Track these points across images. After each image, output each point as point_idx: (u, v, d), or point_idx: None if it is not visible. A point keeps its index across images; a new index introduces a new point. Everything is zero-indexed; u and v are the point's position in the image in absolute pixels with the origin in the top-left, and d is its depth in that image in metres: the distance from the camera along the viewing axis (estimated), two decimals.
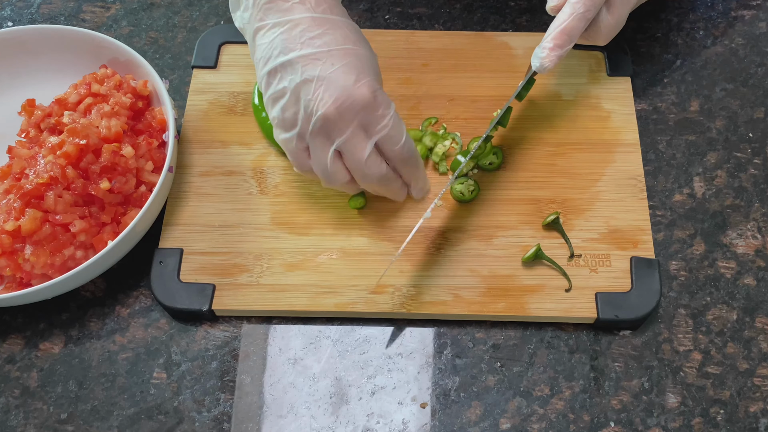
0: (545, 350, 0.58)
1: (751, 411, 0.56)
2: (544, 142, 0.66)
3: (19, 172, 0.58)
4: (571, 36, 0.58)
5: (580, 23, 0.58)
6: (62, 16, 0.76)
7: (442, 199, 0.64)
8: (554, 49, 0.58)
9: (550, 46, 0.58)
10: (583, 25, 0.59)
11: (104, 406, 0.56)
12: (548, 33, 0.59)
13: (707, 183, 0.65)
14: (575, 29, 0.58)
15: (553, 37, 0.58)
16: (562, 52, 0.59)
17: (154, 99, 0.65)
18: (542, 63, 0.59)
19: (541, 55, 0.59)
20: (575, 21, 0.58)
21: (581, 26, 0.58)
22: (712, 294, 0.60)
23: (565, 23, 0.58)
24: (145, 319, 0.60)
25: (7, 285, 0.57)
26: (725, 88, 0.70)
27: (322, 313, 0.59)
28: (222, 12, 0.76)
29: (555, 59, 0.59)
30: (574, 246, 0.61)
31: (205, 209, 0.63)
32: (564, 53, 0.59)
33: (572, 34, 0.58)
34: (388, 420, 0.56)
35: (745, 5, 0.75)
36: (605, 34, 0.61)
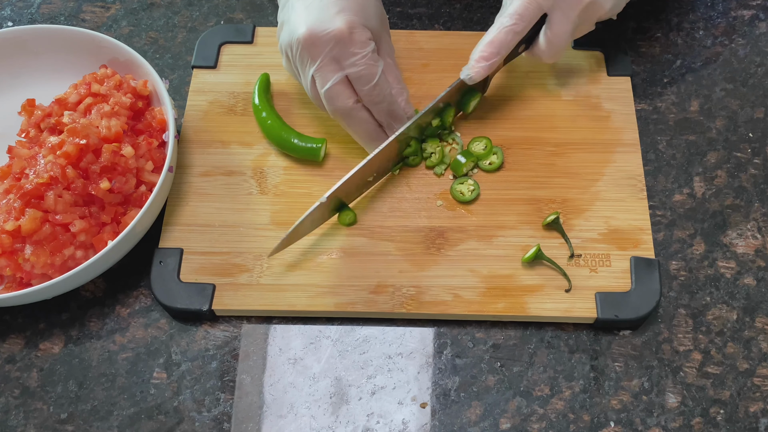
0: (545, 350, 0.58)
1: (751, 411, 0.56)
2: (544, 142, 0.66)
3: (19, 172, 0.58)
4: (497, 48, 0.60)
5: (507, 36, 0.60)
6: (62, 16, 0.76)
7: (442, 199, 0.64)
8: (479, 61, 0.60)
9: (476, 58, 0.60)
10: (511, 39, 0.60)
11: (104, 406, 0.56)
12: (478, 45, 0.61)
13: (707, 183, 0.65)
14: (503, 42, 0.60)
15: (480, 49, 0.60)
16: (489, 64, 0.60)
17: (154, 99, 0.65)
18: (468, 73, 0.61)
19: (469, 65, 0.61)
20: (502, 34, 0.60)
21: (508, 39, 0.60)
22: (712, 294, 0.60)
23: (492, 36, 0.60)
24: (145, 319, 0.60)
25: (7, 285, 0.57)
26: (725, 88, 0.70)
27: (322, 313, 0.59)
28: (222, 12, 0.76)
29: (480, 70, 0.60)
30: (574, 246, 0.61)
31: (205, 209, 0.63)
32: (492, 65, 0.60)
33: (499, 46, 0.60)
34: (388, 420, 0.56)
35: (745, 5, 0.75)
36: (547, 52, 0.62)
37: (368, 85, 0.58)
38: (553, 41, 0.61)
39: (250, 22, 0.75)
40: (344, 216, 0.62)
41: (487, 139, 0.65)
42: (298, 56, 0.58)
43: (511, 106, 0.68)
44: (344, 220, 0.62)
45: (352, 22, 0.57)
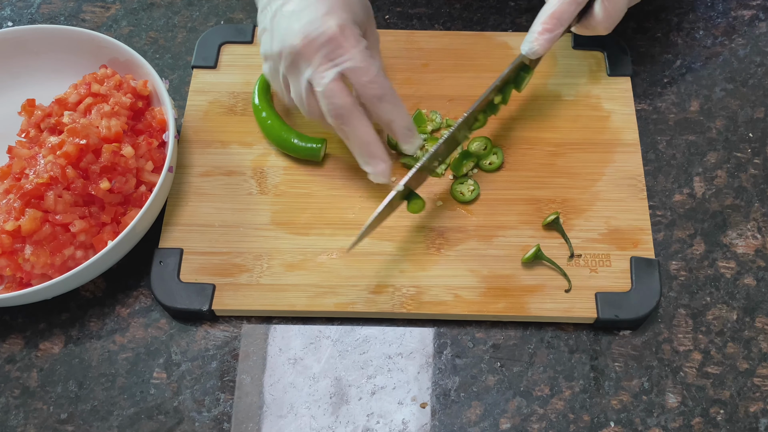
0: (545, 350, 0.58)
1: (751, 411, 0.56)
2: (544, 142, 0.66)
3: (19, 172, 0.58)
4: (560, 20, 0.58)
5: (570, 7, 0.58)
6: (62, 16, 0.76)
7: (442, 199, 0.64)
8: (543, 33, 0.59)
9: (539, 30, 0.59)
10: (574, 9, 0.58)
11: (104, 406, 0.56)
12: (538, 17, 0.59)
13: (707, 183, 0.65)
14: (565, 13, 0.58)
15: (543, 21, 0.59)
16: (552, 36, 0.59)
17: (154, 99, 0.65)
18: (531, 47, 0.59)
19: (530, 38, 0.59)
20: (565, 5, 0.58)
21: (571, 10, 0.58)
22: (712, 294, 0.60)
23: (555, 7, 0.58)
24: (145, 319, 0.60)
25: (7, 285, 0.57)
26: (725, 88, 0.70)
27: (322, 313, 0.59)
28: (222, 12, 0.76)
29: (545, 43, 0.59)
30: (574, 246, 0.61)
31: (205, 209, 0.63)
32: (554, 37, 0.59)
33: (562, 18, 0.58)
34: (388, 420, 0.56)
35: (745, 5, 0.75)
36: (603, 21, 0.60)
37: (366, 77, 0.57)
38: (610, 11, 0.59)
39: (250, 22, 0.75)
40: (414, 204, 0.60)
41: (487, 139, 0.65)
42: (291, 64, 0.57)
43: (511, 106, 0.68)
44: (414, 208, 0.60)
45: (343, 21, 0.56)
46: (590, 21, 0.61)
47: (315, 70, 0.56)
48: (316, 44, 0.56)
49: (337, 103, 0.57)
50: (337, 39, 0.56)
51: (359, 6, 0.59)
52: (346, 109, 0.57)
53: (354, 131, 0.58)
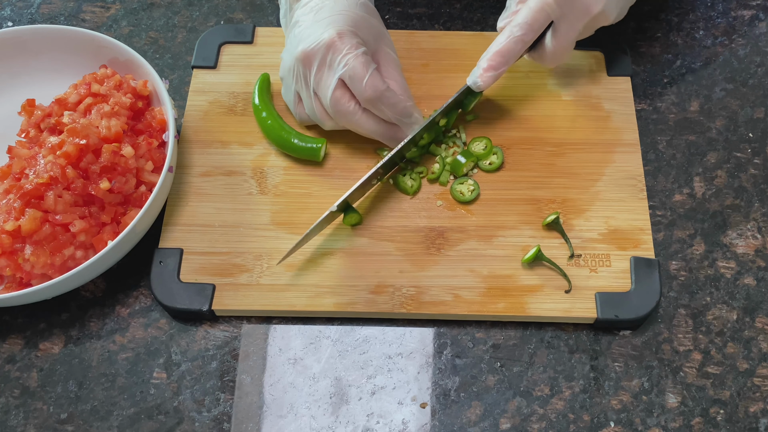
0: (545, 350, 0.58)
1: (751, 411, 0.56)
2: (544, 142, 0.66)
3: (19, 172, 0.58)
4: (506, 57, 0.61)
5: (516, 46, 0.60)
6: (62, 16, 0.76)
7: (442, 199, 0.64)
8: (488, 70, 0.61)
9: (484, 66, 0.61)
10: (520, 48, 0.61)
11: (104, 406, 0.56)
12: (485, 53, 0.62)
13: (707, 183, 0.65)
14: (511, 51, 0.61)
15: (488, 58, 0.61)
16: (497, 73, 0.61)
17: (154, 99, 0.65)
18: (475, 81, 0.62)
19: (476, 73, 0.62)
20: (511, 43, 0.60)
21: (518, 49, 0.61)
22: (712, 294, 0.60)
23: (501, 45, 0.61)
24: (145, 319, 0.60)
25: (7, 285, 0.57)
26: (725, 88, 0.70)
27: (322, 313, 0.59)
28: (222, 12, 0.76)
29: (488, 79, 0.62)
30: (574, 246, 0.61)
31: (205, 209, 0.63)
32: (499, 74, 0.61)
33: (508, 56, 0.61)
34: (388, 420, 0.56)
35: (745, 5, 0.75)
36: (550, 58, 0.63)
37: (360, 83, 0.59)
38: (558, 48, 0.62)
39: (250, 22, 0.75)
40: (349, 218, 0.62)
41: (487, 139, 0.65)
42: (300, 74, 0.61)
43: (511, 106, 0.68)
44: (349, 221, 0.62)
45: (341, 30, 0.59)
46: (540, 54, 0.63)
47: (316, 78, 0.60)
48: (317, 52, 0.59)
49: (341, 109, 0.60)
50: (334, 45, 0.59)
51: (366, 28, 0.61)
52: (350, 116, 0.60)
53: (363, 128, 0.62)
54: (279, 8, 0.66)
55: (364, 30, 0.61)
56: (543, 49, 0.62)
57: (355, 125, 0.62)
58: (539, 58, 0.64)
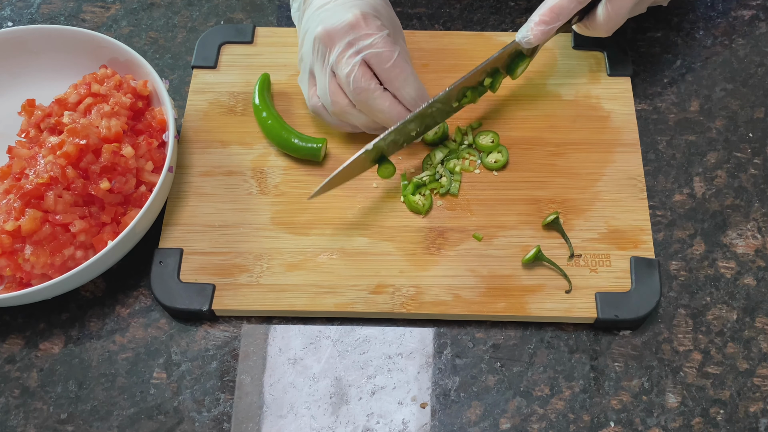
0: (545, 350, 0.58)
1: (751, 411, 0.56)
2: (544, 142, 0.66)
3: (19, 172, 0.58)
4: (559, 15, 0.59)
5: (571, 3, 0.59)
6: (62, 16, 0.76)
7: (442, 198, 0.64)
8: (539, 24, 0.60)
9: (536, 20, 0.60)
10: (574, 6, 0.59)
11: (104, 406, 0.56)
12: (538, 9, 0.60)
13: (707, 183, 0.65)
14: (565, 9, 0.59)
15: (541, 13, 0.60)
16: (548, 29, 0.60)
17: (154, 99, 0.65)
18: (525, 35, 0.61)
19: (526, 27, 0.60)
20: (566, 1, 0.59)
21: (571, 7, 0.59)
22: (712, 294, 0.60)
23: (555, 1, 0.59)
24: (145, 319, 0.60)
25: (7, 285, 0.57)
26: (725, 88, 0.70)
27: (322, 313, 0.59)
28: (222, 12, 0.76)
29: (539, 34, 0.60)
30: (574, 246, 0.61)
31: (205, 209, 0.63)
32: (550, 30, 0.60)
33: (561, 13, 0.59)
34: (388, 420, 0.56)
35: (745, 5, 0.75)
36: (604, 24, 0.61)
37: (388, 64, 0.58)
38: (612, 15, 0.60)
39: (250, 22, 0.75)
40: (384, 169, 0.61)
41: (494, 133, 0.65)
42: (319, 53, 0.60)
43: (511, 106, 0.68)
44: (383, 172, 0.62)
45: (365, 11, 0.59)
46: (592, 22, 0.62)
47: (338, 56, 0.59)
48: (339, 32, 0.58)
49: (362, 86, 0.59)
50: (358, 25, 0.58)
51: (387, 16, 0.61)
52: (371, 91, 0.59)
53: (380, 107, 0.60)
54: (279, 8, 0.66)
55: (384, 16, 0.61)
56: (595, 16, 0.61)
57: (372, 104, 0.60)
58: (591, 25, 0.62)
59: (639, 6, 0.62)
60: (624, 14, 0.61)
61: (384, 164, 0.61)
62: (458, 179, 0.64)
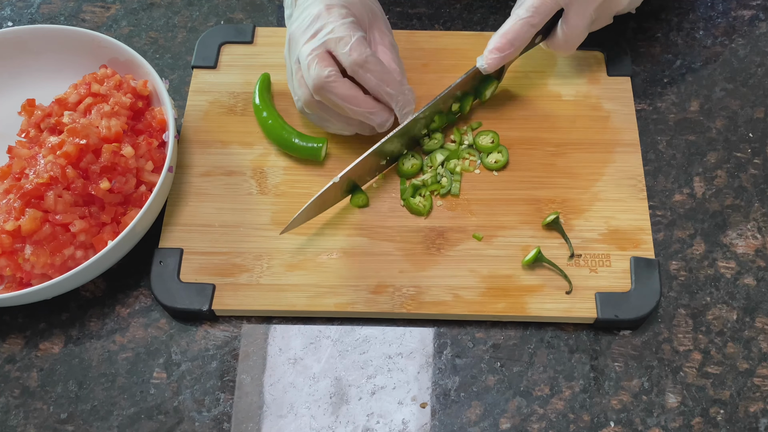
0: (545, 350, 0.58)
1: (751, 411, 0.56)
2: (544, 142, 0.66)
3: (19, 172, 0.58)
4: (511, 40, 0.61)
5: (522, 28, 0.60)
6: (62, 16, 0.76)
7: (442, 199, 0.64)
8: (492, 52, 0.61)
9: (490, 48, 0.61)
10: (526, 31, 0.60)
11: (104, 406, 0.56)
12: (493, 36, 0.62)
13: (707, 183, 0.65)
14: (516, 33, 0.60)
15: (495, 40, 0.61)
16: (503, 56, 0.61)
17: (154, 99, 0.65)
18: (481, 63, 0.62)
19: (483, 56, 0.62)
20: (517, 26, 0.60)
21: (523, 31, 0.60)
22: (712, 294, 0.60)
23: (506, 27, 0.61)
24: (145, 319, 0.60)
25: (7, 285, 0.57)
26: (725, 88, 0.70)
27: (322, 313, 0.59)
28: (222, 12, 0.76)
29: (493, 61, 0.61)
30: (574, 246, 0.61)
31: (205, 209, 0.63)
32: (506, 57, 0.61)
33: (513, 38, 0.61)
34: (388, 420, 0.56)
35: (745, 5, 0.75)
36: (563, 44, 0.63)
37: (345, 48, 0.57)
38: (569, 35, 0.62)
39: (250, 22, 0.75)
40: (356, 198, 0.62)
41: (494, 133, 0.65)
42: (290, 50, 0.61)
43: (511, 106, 0.68)
44: (356, 201, 0.62)
45: (329, 3, 0.59)
46: (553, 42, 0.64)
47: (302, 47, 0.59)
48: (305, 27, 0.59)
49: (316, 73, 0.57)
50: (321, 16, 0.58)
51: (359, 4, 0.60)
52: (325, 78, 0.57)
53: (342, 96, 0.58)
54: (279, 8, 0.66)
55: (356, 6, 0.60)
56: (555, 37, 0.63)
57: (330, 91, 0.58)
58: (552, 45, 0.64)
59: (600, 21, 0.63)
60: (581, 32, 0.62)
61: (356, 194, 0.62)
62: (458, 179, 0.64)
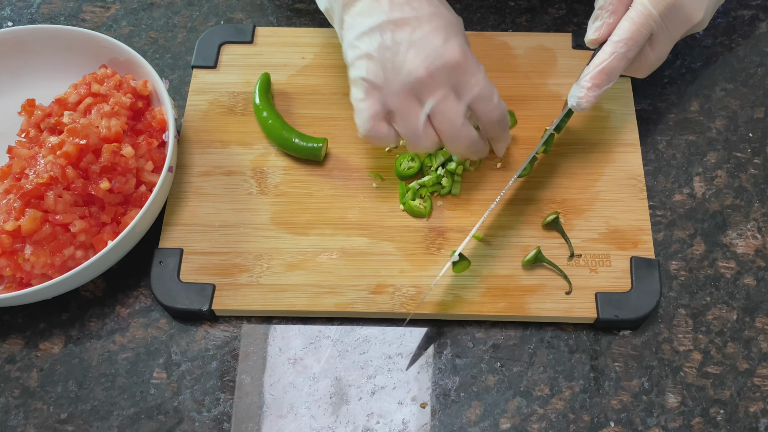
0: (545, 350, 0.58)
1: (751, 411, 0.56)
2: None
3: (19, 172, 0.58)
4: (610, 76, 0.57)
5: (620, 63, 0.57)
6: (62, 16, 0.76)
7: (442, 199, 0.64)
8: (592, 89, 0.57)
9: (588, 86, 0.57)
10: (624, 65, 0.57)
11: (104, 406, 0.56)
12: (587, 71, 0.57)
13: (707, 183, 0.65)
14: (615, 69, 0.57)
15: (592, 76, 0.57)
16: (601, 92, 0.57)
17: (154, 99, 0.65)
18: (579, 103, 0.58)
19: (579, 94, 0.58)
20: (616, 61, 0.56)
21: (621, 66, 0.57)
22: (712, 294, 0.60)
23: (605, 63, 0.57)
24: (145, 319, 0.60)
25: (7, 285, 0.57)
26: (725, 88, 0.70)
27: (322, 313, 0.59)
28: (222, 12, 0.76)
29: (593, 99, 0.57)
30: (574, 246, 0.61)
31: (205, 209, 0.63)
32: (602, 93, 0.58)
33: (612, 73, 0.57)
34: (388, 420, 0.56)
35: (745, 5, 0.75)
36: (647, 69, 0.60)
37: (492, 104, 0.56)
38: (655, 60, 0.59)
39: (250, 22, 0.75)
40: (460, 266, 0.58)
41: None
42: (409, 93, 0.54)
43: (511, 106, 0.68)
44: (459, 269, 0.58)
45: (462, 45, 0.55)
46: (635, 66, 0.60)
47: (440, 101, 0.54)
48: (442, 73, 0.54)
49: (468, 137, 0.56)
50: (461, 66, 0.54)
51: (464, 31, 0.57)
52: (475, 141, 0.57)
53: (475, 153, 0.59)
54: (279, 8, 0.65)
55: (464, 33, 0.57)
56: (639, 62, 0.59)
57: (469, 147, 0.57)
58: (632, 69, 0.60)
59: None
60: (665, 56, 0.60)
61: (462, 261, 0.58)
62: (459, 179, 0.64)
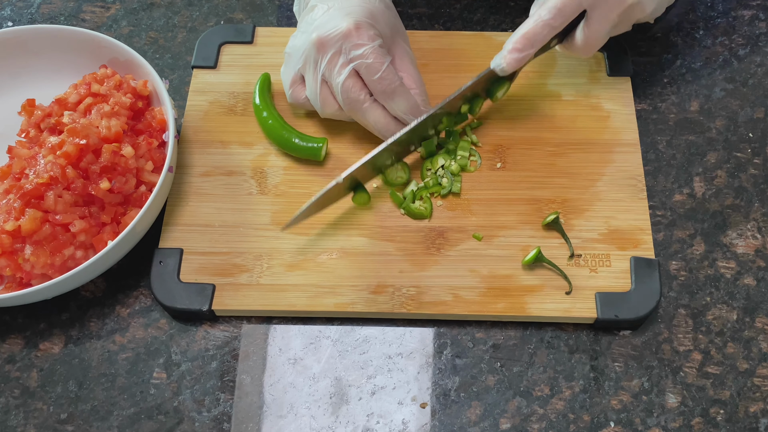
0: (545, 350, 0.58)
1: (751, 411, 0.56)
2: (544, 142, 0.66)
3: (19, 172, 0.58)
4: (532, 42, 0.60)
5: (543, 30, 0.59)
6: (62, 16, 0.76)
7: (442, 199, 0.64)
8: (512, 52, 0.60)
9: (509, 48, 0.60)
10: (547, 33, 0.59)
11: (104, 406, 0.56)
12: (512, 36, 0.61)
13: (707, 183, 0.65)
14: (537, 35, 0.59)
15: (514, 41, 0.60)
16: (522, 56, 0.60)
17: (154, 99, 0.65)
18: (499, 64, 0.61)
19: (500, 55, 0.61)
20: (538, 27, 0.59)
21: (544, 33, 0.59)
22: (712, 294, 0.60)
23: (527, 28, 0.60)
24: (145, 319, 0.60)
25: (7, 285, 0.57)
26: (725, 88, 0.70)
27: (322, 313, 0.59)
28: (222, 12, 0.76)
29: (512, 62, 0.60)
30: (574, 246, 0.61)
31: (205, 209, 0.63)
32: (524, 57, 0.60)
33: (534, 39, 0.60)
34: (388, 420, 0.56)
35: (745, 5, 0.75)
36: (582, 48, 0.62)
37: (375, 76, 0.59)
38: (590, 39, 0.61)
39: (250, 22, 0.75)
40: (359, 197, 0.62)
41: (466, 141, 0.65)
42: (311, 59, 0.61)
43: (511, 106, 0.68)
44: (359, 200, 0.62)
45: (359, 21, 0.59)
46: (571, 45, 0.63)
47: (328, 63, 0.60)
48: (332, 40, 0.59)
49: (352, 98, 0.60)
50: (351, 35, 0.59)
51: (384, 21, 0.62)
52: (360, 102, 0.60)
53: (369, 119, 0.62)
54: (279, 8, 0.66)
55: (381, 22, 0.61)
56: (574, 39, 0.62)
57: (362, 115, 0.61)
58: (570, 47, 0.63)
59: (620, 26, 0.62)
60: (602, 37, 0.61)
61: (359, 192, 0.62)
62: (459, 179, 0.64)
